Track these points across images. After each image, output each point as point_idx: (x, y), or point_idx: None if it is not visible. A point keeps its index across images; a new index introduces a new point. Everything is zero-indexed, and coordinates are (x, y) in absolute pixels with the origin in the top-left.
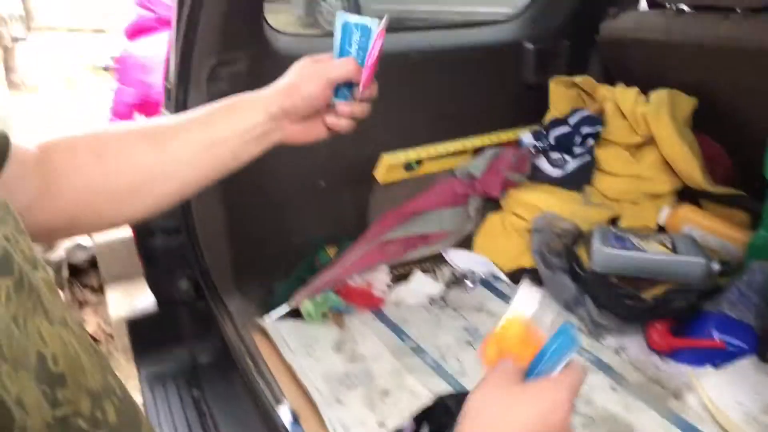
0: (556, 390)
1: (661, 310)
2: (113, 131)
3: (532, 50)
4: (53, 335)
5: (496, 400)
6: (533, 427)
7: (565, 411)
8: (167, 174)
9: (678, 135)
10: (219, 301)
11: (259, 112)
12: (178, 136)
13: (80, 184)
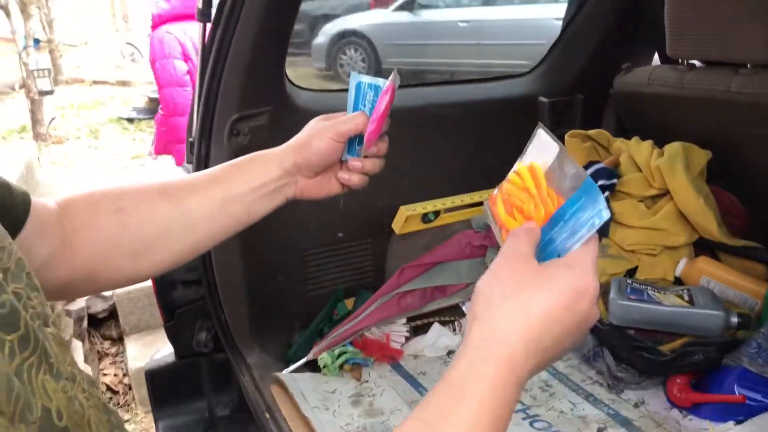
0: (579, 271)
1: (679, 363)
2: (132, 187)
3: (547, 104)
4: (58, 390)
5: (511, 294)
6: (558, 316)
7: (591, 297)
8: (184, 229)
9: (693, 187)
10: (237, 353)
11: (273, 168)
12: (195, 193)
13: (99, 239)
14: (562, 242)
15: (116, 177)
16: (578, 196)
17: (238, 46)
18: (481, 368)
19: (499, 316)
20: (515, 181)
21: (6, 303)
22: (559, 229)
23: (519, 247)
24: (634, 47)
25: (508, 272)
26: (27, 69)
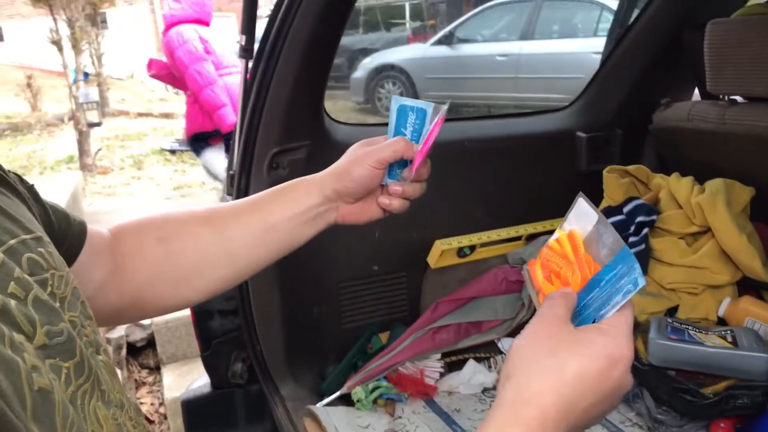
0: (614, 338)
1: (723, 407)
2: (176, 215)
3: (585, 139)
4: (108, 418)
5: (546, 357)
6: (592, 382)
7: (625, 364)
8: (226, 257)
9: (735, 225)
10: (272, 384)
11: (314, 195)
12: (236, 221)
13: (144, 267)
14: (597, 308)
15: (158, 207)
16: (615, 263)
17: (278, 81)
18: (512, 429)
19: (533, 378)
20: (555, 247)
21: (63, 331)
22: (595, 295)
23: (555, 310)
24: (673, 82)
25: (544, 334)
26: (77, 102)
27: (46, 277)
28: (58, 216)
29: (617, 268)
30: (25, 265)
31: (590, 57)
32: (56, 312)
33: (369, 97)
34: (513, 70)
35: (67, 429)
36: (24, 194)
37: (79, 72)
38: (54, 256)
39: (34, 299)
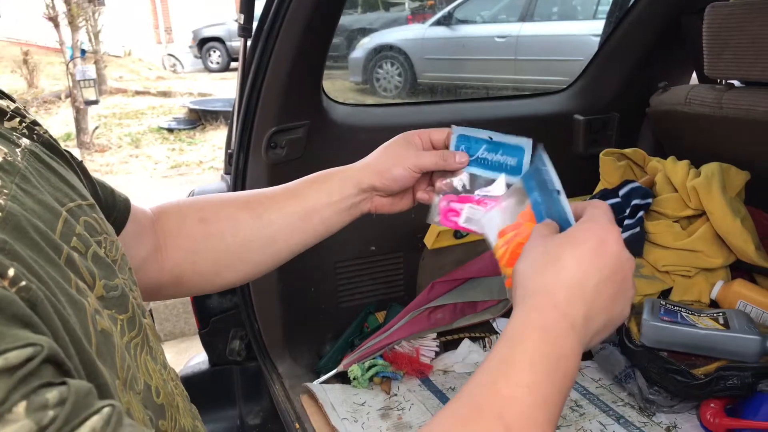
0: (595, 222)
1: (713, 388)
2: (216, 198)
3: (583, 122)
4: (155, 371)
5: (541, 257)
6: (590, 261)
7: (615, 240)
8: (263, 241)
9: (729, 208)
10: (269, 362)
11: (351, 186)
12: (274, 207)
13: (185, 246)
14: (562, 222)
15: (156, 185)
16: (526, 185)
17: (277, 60)
18: (529, 317)
19: (537, 277)
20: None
21: (118, 286)
22: (548, 215)
23: (542, 232)
24: (671, 66)
25: (537, 249)
26: (73, 79)
27: (100, 239)
28: (105, 191)
29: (529, 185)
30: (82, 225)
31: (589, 39)
32: (112, 268)
33: (367, 77)
34: (512, 52)
35: (124, 370)
36: (75, 168)
37: (75, 49)
38: (105, 223)
39: (93, 255)
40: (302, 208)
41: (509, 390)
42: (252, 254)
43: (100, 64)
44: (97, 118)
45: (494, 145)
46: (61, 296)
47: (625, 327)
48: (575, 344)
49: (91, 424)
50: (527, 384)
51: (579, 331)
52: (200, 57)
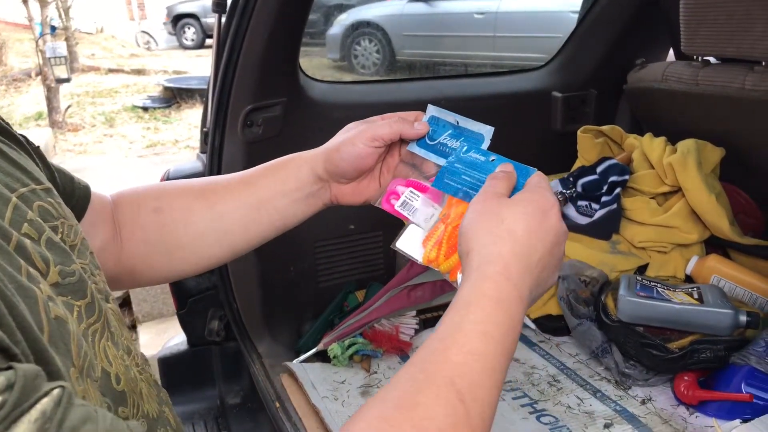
0: (539, 194)
1: (687, 361)
2: (173, 187)
3: (561, 99)
4: (117, 358)
5: (496, 226)
6: (537, 235)
7: (555, 213)
8: (218, 235)
9: (705, 185)
10: (249, 342)
11: (305, 172)
12: (228, 196)
13: (139, 237)
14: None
15: (131, 164)
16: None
17: (252, 37)
18: (483, 286)
19: (490, 243)
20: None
21: (75, 272)
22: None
23: (497, 189)
24: (649, 43)
25: (489, 209)
26: (44, 56)
27: (56, 224)
28: (64, 178)
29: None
30: (36, 211)
31: (568, 16)
32: (68, 254)
33: (345, 54)
34: (490, 29)
35: (81, 358)
36: (31, 152)
37: (45, 25)
38: (63, 207)
39: (47, 240)
40: (256, 198)
41: (461, 357)
42: (206, 247)
43: (71, 41)
44: (69, 97)
45: (458, 131)
46: (9, 283)
47: (602, 303)
48: (521, 314)
49: (41, 407)
50: (479, 352)
51: (524, 302)
52: (174, 34)
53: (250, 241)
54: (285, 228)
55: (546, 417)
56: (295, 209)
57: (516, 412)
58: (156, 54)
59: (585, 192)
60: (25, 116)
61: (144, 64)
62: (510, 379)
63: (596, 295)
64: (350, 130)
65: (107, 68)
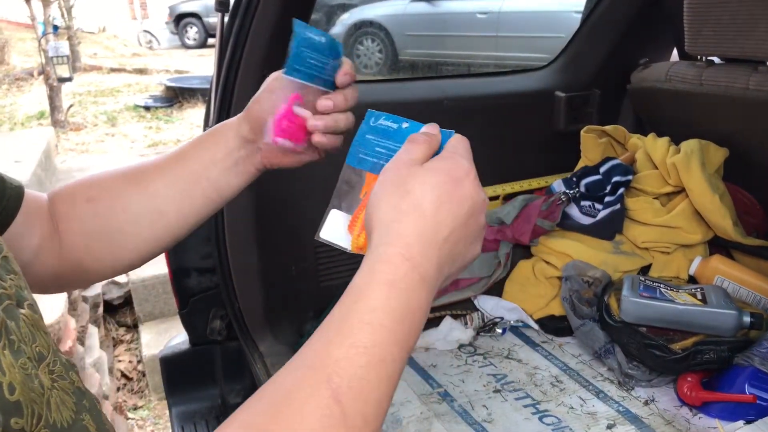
0: (453, 160)
1: (690, 362)
2: (104, 174)
3: (564, 99)
4: (14, 366)
5: (401, 198)
6: (446, 206)
7: (470, 180)
8: (153, 216)
9: (708, 185)
10: (250, 341)
11: (230, 137)
12: (159, 175)
13: (77, 229)
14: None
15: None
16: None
17: (255, 37)
18: (377, 269)
19: (392, 220)
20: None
21: None
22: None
23: (411, 155)
24: (652, 42)
25: (396, 178)
26: (46, 56)
27: None
28: None
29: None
30: None
31: (571, 16)
32: None
33: (347, 54)
34: (493, 29)
35: None
36: None
37: (48, 24)
38: None
39: None
40: (188, 172)
41: (342, 351)
42: (143, 230)
43: (74, 41)
44: (71, 96)
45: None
46: None
47: (605, 303)
48: (424, 297)
49: None
50: (364, 344)
51: (430, 282)
52: (177, 33)
53: (186, 219)
54: (221, 201)
55: (549, 417)
56: (228, 178)
57: (518, 412)
58: (158, 53)
59: (588, 192)
60: (28, 115)
61: (146, 63)
62: (513, 379)
63: (599, 296)
64: (267, 81)
65: (109, 67)
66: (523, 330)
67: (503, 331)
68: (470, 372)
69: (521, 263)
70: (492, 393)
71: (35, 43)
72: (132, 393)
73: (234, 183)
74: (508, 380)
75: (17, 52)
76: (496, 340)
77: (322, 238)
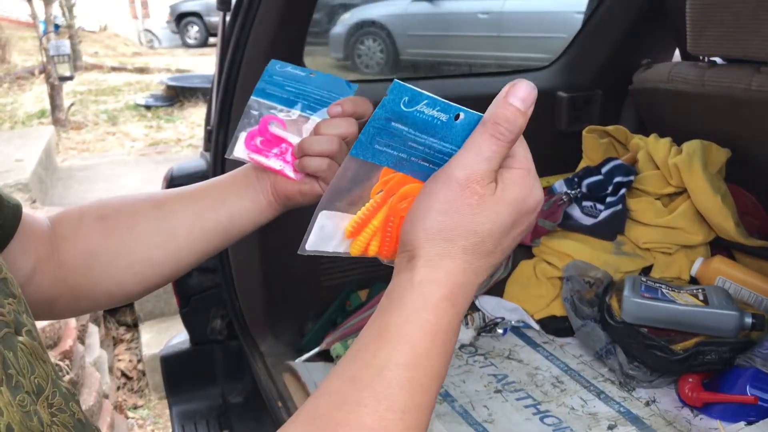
0: (524, 188)
1: (692, 362)
2: (120, 198)
3: (566, 99)
4: (11, 404)
5: (451, 211)
6: (508, 225)
7: (535, 196)
8: (164, 236)
9: (710, 186)
10: (251, 341)
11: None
12: (178, 197)
13: (82, 248)
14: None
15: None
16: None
17: (257, 35)
18: (425, 317)
19: (445, 254)
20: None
21: None
22: (438, 154)
23: (480, 176)
24: (654, 43)
25: (457, 202)
26: (47, 54)
27: None
28: None
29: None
30: None
31: (573, 16)
32: None
33: (348, 53)
34: (495, 29)
35: None
36: None
37: (49, 23)
38: None
39: None
40: (206, 194)
41: (377, 417)
42: (152, 251)
43: (75, 39)
44: (72, 95)
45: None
46: None
47: (606, 304)
48: (457, 331)
49: None
50: (402, 410)
51: (461, 313)
52: (177, 32)
53: (195, 244)
54: (233, 230)
55: (549, 418)
56: (243, 202)
57: (519, 413)
58: (159, 52)
59: (590, 192)
60: (28, 114)
61: (147, 62)
62: (514, 380)
63: (600, 296)
64: None
65: (110, 66)
66: (524, 330)
67: (504, 332)
68: (471, 372)
69: (522, 263)
70: (493, 393)
71: (36, 42)
72: (132, 392)
73: (248, 208)
74: (509, 380)
75: (18, 51)
76: (497, 341)
77: (310, 250)
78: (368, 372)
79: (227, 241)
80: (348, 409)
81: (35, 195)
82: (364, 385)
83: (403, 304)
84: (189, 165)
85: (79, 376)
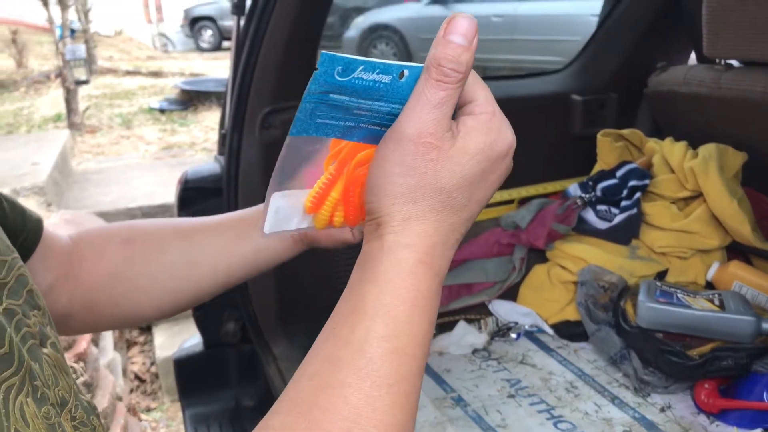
0: (484, 129)
1: (708, 368)
2: (147, 222)
3: (580, 102)
4: (37, 416)
5: (410, 170)
6: (477, 176)
7: (504, 137)
8: (187, 265)
9: (726, 190)
10: (264, 344)
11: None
12: (206, 228)
13: (105, 268)
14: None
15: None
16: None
17: (271, 39)
18: (402, 284)
19: (414, 215)
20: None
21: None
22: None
23: (435, 119)
24: (670, 46)
25: (415, 160)
26: (63, 58)
27: None
28: (14, 211)
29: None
30: None
31: (588, 19)
32: None
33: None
34: (509, 32)
35: None
36: None
37: (65, 28)
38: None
39: None
40: (233, 227)
41: (362, 396)
42: (175, 280)
43: (90, 44)
44: (87, 99)
45: None
46: None
47: (621, 309)
48: (438, 296)
49: None
50: (388, 383)
51: (444, 274)
52: (192, 36)
53: (217, 275)
54: (259, 263)
55: (563, 423)
56: (273, 248)
57: (533, 418)
58: (173, 56)
59: (605, 196)
60: (45, 118)
61: (161, 66)
62: (527, 384)
63: (615, 301)
64: None
65: (125, 70)
66: (538, 335)
67: (517, 336)
68: (484, 377)
69: (536, 267)
70: (506, 398)
71: (53, 47)
72: (145, 395)
73: (273, 245)
74: (523, 385)
75: (35, 56)
76: (510, 345)
77: (270, 233)
78: (348, 350)
79: (249, 274)
80: (331, 392)
81: (51, 198)
82: (345, 364)
83: (377, 274)
84: (203, 169)
85: (93, 378)
